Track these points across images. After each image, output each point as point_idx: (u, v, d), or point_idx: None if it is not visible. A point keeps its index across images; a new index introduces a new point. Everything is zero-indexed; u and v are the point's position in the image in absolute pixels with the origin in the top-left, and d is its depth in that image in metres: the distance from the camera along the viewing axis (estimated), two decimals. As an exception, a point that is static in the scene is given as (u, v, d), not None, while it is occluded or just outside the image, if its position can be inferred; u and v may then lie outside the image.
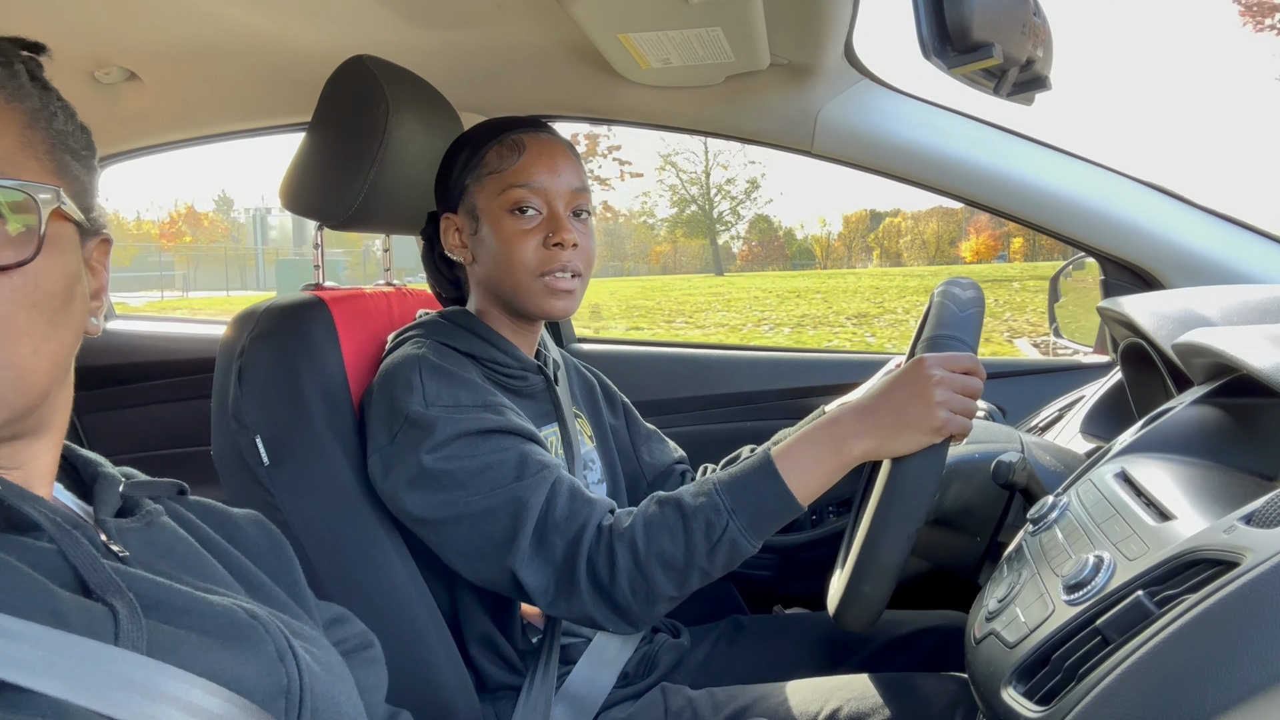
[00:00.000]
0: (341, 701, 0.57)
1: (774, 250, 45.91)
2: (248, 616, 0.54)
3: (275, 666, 0.53)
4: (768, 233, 44.63)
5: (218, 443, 1.02)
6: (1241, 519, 0.54)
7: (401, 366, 0.94)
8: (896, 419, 0.83)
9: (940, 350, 0.86)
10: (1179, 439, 0.80)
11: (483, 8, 1.16)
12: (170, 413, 1.92)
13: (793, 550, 1.49)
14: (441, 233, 1.04)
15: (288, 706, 0.52)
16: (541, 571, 0.87)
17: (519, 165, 0.99)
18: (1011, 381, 1.61)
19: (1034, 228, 1.46)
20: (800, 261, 39.62)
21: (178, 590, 0.51)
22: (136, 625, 0.46)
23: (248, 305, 1.05)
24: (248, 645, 0.52)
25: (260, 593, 0.61)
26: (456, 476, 0.88)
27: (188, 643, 0.49)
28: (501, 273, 1.00)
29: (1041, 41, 0.76)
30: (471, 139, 1.04)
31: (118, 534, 0.53)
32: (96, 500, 0.55)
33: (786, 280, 19.40)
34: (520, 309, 1.02)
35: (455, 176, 1.02)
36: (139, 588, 0.49)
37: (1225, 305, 1.02)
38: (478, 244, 1.02)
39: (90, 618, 0.45)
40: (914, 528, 0.82)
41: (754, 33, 1.15)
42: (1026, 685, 0.61)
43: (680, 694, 1.00)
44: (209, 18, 1.12)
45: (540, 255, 0.98)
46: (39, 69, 0.55)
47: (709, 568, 0.85)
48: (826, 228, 44.98)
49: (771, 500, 0.85)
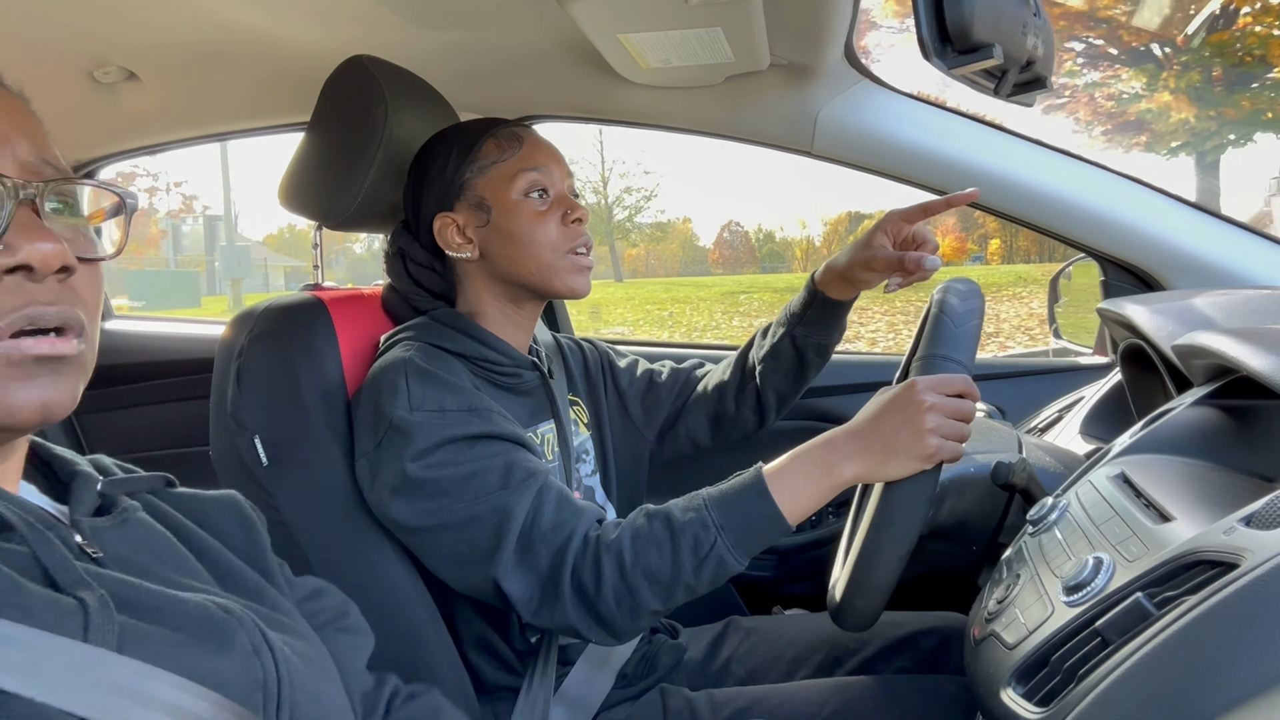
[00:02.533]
0: (323, 693, 0.57)
1: (745, 253, 45.83)
2: (221, 612, 0.53)
3: (250, 660, 0.52)
4: (743, 237, 45.20)
5: (216, 443, 1.02)
6: (1241, 520, 0.54)
7: (388, 370, 0.94)
8: (887, 445, 0.83)
9: (933, 371, 0.86)
10: (1179, 440, 0.80)
11: (482, 8, 1.15)
12: (168, 413, 1.91)
13: (792, 551, 1.49)
14: (438, 232, 1.03)
15: (265, 700, 0.52)
16: (525, 581, 0.86)
17: (524, 153, 1.02)
18: (1011, 382, 1.61)
19: (1034, 228, 1.46)
20: (769, 264, 39.39)
21: (149, 590, 0.51)
22: (107, 620, 0.46)
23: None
24: (221, 640, 0.52)
25: (234, 581, 0.61)
26: (441, 484, 0.87)
27: (158, 638, 0.48)
28: (525, 256, 1.01)
29: (1042, 42, 0.75)
30: (458, 137, 1.03)
31: (92, 534, 0.53)
32: (73, 499, 0.55)
33: (683, 289, 18.60)
34: (547, 290, 1.03)
35: (449, 174, 1.02)
36: (110, 587, 0.49)
37: (1225, 306, 1.02)
38: (489, 235, 1.01)
39: (58, 612, 0.45)
40: (906, 549, 0.82)
41: (754, 33, 1.14)
42: (1026, 686, 0.61)
43: (679, 695, 1.00)
44: (208, 17, 1.12)
45: (562, 232, 1.01)
46: None
47: (695, 584, 0.85)
48: (806, 230, 44.81)
49: (761, 519, 0.85)
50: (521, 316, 1.06)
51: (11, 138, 0.50)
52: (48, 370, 0.48)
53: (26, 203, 0.48)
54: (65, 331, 0.49)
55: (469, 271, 1.05)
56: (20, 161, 0.50)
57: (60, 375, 0.49)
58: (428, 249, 1.05)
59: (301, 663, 0.56)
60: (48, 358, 0.47)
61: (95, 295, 0.52)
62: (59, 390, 0.49)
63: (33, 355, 0.47)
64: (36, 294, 0.47)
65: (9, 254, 0.46)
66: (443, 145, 1.04)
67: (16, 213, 0.48)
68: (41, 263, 0.47)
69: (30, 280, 0.47)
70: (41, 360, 0.47)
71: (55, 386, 0.48)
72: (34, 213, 0.49)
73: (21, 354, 0.46)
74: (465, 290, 1.06)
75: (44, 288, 0.48)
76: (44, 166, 0.51)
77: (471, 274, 1.05)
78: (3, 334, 0.46)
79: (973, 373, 0.88)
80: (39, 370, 0.47)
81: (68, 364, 0.49)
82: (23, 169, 0.50)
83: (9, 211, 0.47)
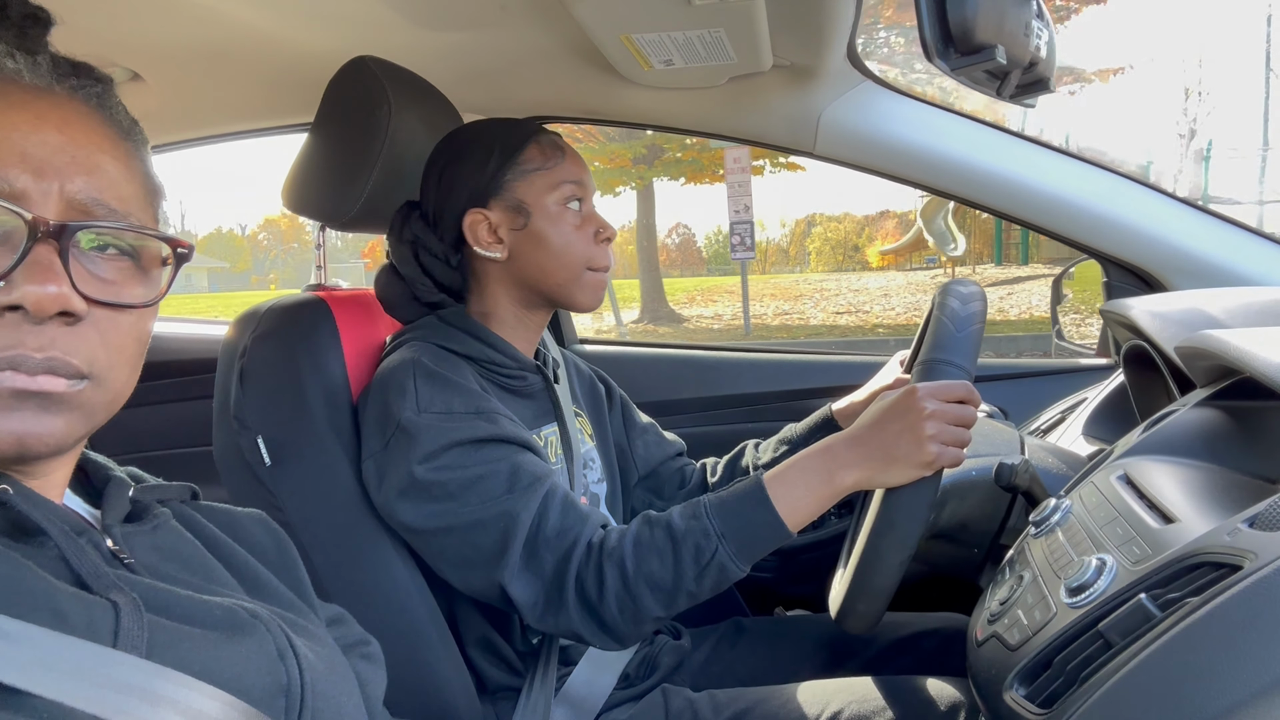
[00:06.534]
0: (343, 702, 0.57)
1: (691, 255, 45.64)
2: (248, 615, 0.54)
3: (275, 665, 0.53)
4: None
5: (219, 443, 1.02)
6: (1245, 522, 0.54)
7: (396, 371, 0.94)
8: (887, 452, 0.83)
9: (934, 377, 0.86)
10: (1182, 442, 0.79)
11: (485, 9, 1.15)
12: (171, 413, 1.91)
13: (794, 552, 1.49)
14: (468, 227, 1.01)
15: (288, 705, 0.52)
16: (530, 586, 0.87)
17: (566, 164, 1.03)
18: (1013, 384, 1.61)
19: (1036, 229, 1.46)
20: (716, 266, 39.15)
21: (180, 595, 0.51)
22: (138, 621, 0.46)
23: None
24: (248, 643, 0.52)
25: (264, 591, 0.61)
26: (447, 488, 0.88)
27: (190, 638, 0.49)
28: (556, 265, 1.01)
29: (1044, 43, 0.75)
30: (500, 136, 1.02)
31: (124, 540, 0.53)
32: (105, 505, 0.55)
33: (627, 289, 18.80)
34: (562, 301, 1.04)
35: (489, 172, 1.00)
36: (140, 591, 0.49)
37: (1229, 307, 1.02)
38: (523, 238, 1.01)
39: (91, 613, 0.45)
40: (907, 554, 0.82)
41: (757, 34, 1.14)
42: (1029, 688, 0.61)
43: (681, 696, 1.00)
44: (212, 18, 1.12)
45: (590, 250, 1.03)
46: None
47: (697, 590, 0.85)
48: (765, 232, 44.66)
49: (761, 527, 0.85)
50: (532, 321, 1.06)
51: (68, 172, 0.49)
52: (31, 405, 0.47)
53: (48, 241, 0.47)
54: (51, 374, 0.47)
55: (489, 271, 1.04)
56: (68, 198, 0.49)
57: (46, 411, 0.47)
58: (445, 242, 1.03)
59: (325, 670, 0.56)
60: (29, 392, 0.46)
61: (121, 339, 0.51)
62: (42, 425, 0.47)
63: (9, 388, 0.46)
64: (26, 337, 0.46)
65: (6, 291, 0.46)
66: (480, 142, 1.02)
67: (33, 250, 0.46)
68: (35, 305, 0.46)
69: (27, 321, 0.46)
70: (22, 394, 0.46)
71: (37, 422, 0.47)
72: (57, 253, 0.47)
73: (0, 386, 0.46)
74: (481, 289, 1.05)
75: (38, 330, 0.46)
76: (97, 206, 0.50)
77: (492, 274, 1.04)
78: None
79: (974, 377, 0.87)
80: (19, 404, 0.46)
81: (56, 401, 0.47)
82: (69, 207, 0.49)
83: (23, 249, 0.46)
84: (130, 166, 0.53)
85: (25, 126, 0.48)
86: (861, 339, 9.62)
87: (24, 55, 0.51)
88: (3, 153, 0.47)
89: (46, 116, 0.49)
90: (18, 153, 0.47)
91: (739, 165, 6.93)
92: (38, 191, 0.48)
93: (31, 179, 0.47)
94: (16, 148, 0.47)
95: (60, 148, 0.49)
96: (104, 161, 0.51)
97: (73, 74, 0.53)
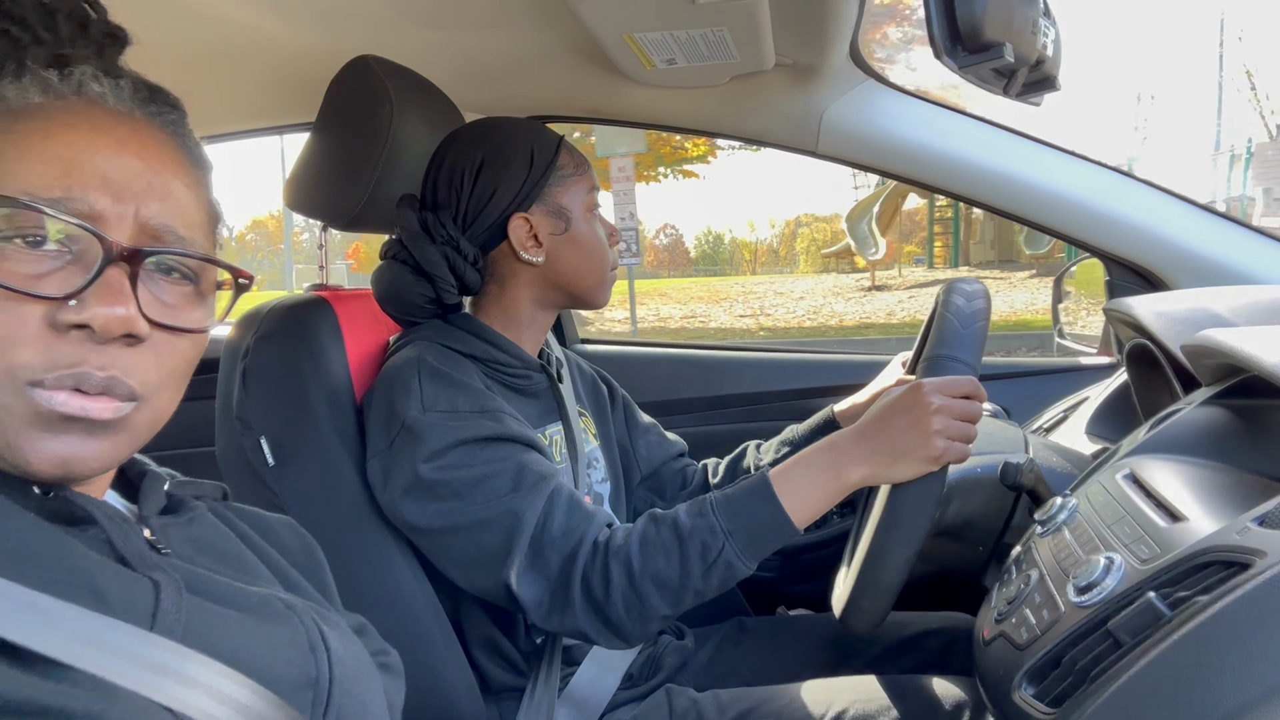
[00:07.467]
0: (368, 700, 0.58)
1: (679, 256, 45.49)
2: (284, 606, 0.55)
3: (305, 657, 0.53)
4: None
5: (222, 444, 1.02)
6: (1254, 520, 0.54)
7: (401, 370, 0.93)
8: (894, 447, 0.83)
9: (939, 372, 0.86)
10: (1188, 440, 0.79)
11: (488, 8, 1.15)
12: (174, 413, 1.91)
13: (797, 551, 1.49)
14: (512, 231, 0.99)
15: (315, 699, 0.53)
16: (536, 585, 0.87)
17: (589, 170, 1.06)
18: (1016, 383, 1.61)
19: (1039, 228, 1.46)
20: (702, 267, 39.05)
21: (218, 580, 0.53)
22: (177, 601, 0.48)
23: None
24: (281, 633, 0.53)
25: (296, 590, 0.62)
26: (453, 487, 0.87)
27: (225, 623, 0.50)
28: (592, 268, 1.04)
29: (1051, 41, 0.75)
30: (535, 139, 1.01)
31: (160, 531, 0.54)
32: (142, 498, 0.56)
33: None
34: (588, 301, 1.07)
35: (533, 177, 0.99)
36: (181, 574, 0.50)
37: (1234, 306, 1.02)
38: (562, 243, 1.01)
39: (131, 591, 0.46)
40: (913, 550, 0.82)
41: (759, 33, 1.14)
42: (1038, 687, 0.61)
43: (685, 696, 1.00)
44: (213, 18, 1.12)
45: (610, 252, 1.07)
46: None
47: (703, 588, 0.85)
48: (755, 232, 44.66)
49: (768, 524, 0.85)
50: (545, 321, 1.07)
51: (144, 197, 0.50)
52: (78, 429, 0.47)
53: (120, 264, 0.48)
54: (108, 395, 0.48)
55: (519, 273, 1.02)
56: (142, 222, 0.50)
57: (92, 436, 0.48)
58: (476, 244, 1.00)
59: (354, 667, 0.57)
60: (76, 418, 0.47)
61: (174, 362, 0.52)
62: (87, 449, 0.48)
63: (60, 412, 0.46)
64: (90, 356, 0.47)
65: (77, 310, 0.47)
66: (518, 145, 1.00)
67: (106, 272, 0.48)
68: (102, 326, 0.47)
69: (92, 340, 0.47)
70: (70, 419, 0.47)
71: (83, 445, 0.48)
72: (127, 276, 0.48)
73: (50, 408, 0.46)
74: (505, 289, 1.03)
75: (101, 350, 0.48)
76: (167, 233, 0.51)
77: (522, 276, 1.03)
78: (49, 385, 0.46)
79: (979, 373, 0.87)
80: (67, 427, 0.47)
81: (103, 426, 0.48)
82: (141, 231, 0.50)
83: (97, 269, 0.47)
84: (199, 194, 0.55)
85: (108, 150, 0.49)
86: (749, 340, 10.17)
87: (109, 80, 0.52)
88: (85, 175, 0.48)
89: (127, 142, 0.51)
90: (99, 176, 0.48)
91: (624, 174, 7.04)
92: (114, 214, 0.49)
93: (110, 202, 0.49)
94: (98, 170, 0.49)
95: (139, 173, 0.50)
96: (177, 188, 0.52)
97: (151, 100, 0.54)
